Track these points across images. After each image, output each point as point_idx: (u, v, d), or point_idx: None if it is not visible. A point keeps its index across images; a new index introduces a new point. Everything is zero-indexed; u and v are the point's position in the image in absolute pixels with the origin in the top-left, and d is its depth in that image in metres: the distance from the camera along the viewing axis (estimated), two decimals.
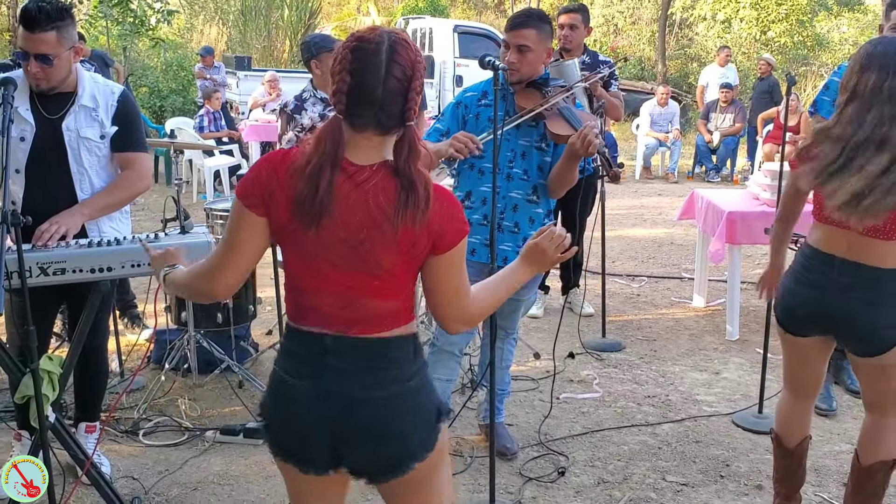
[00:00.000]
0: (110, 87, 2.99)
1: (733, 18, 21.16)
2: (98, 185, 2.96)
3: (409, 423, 1.78)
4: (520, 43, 3.08)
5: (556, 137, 3.07)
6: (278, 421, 1.82)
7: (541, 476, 3.31)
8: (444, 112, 3.29)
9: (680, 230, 8.20)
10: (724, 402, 4.08)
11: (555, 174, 3.15)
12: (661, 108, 12.13)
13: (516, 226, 3.18)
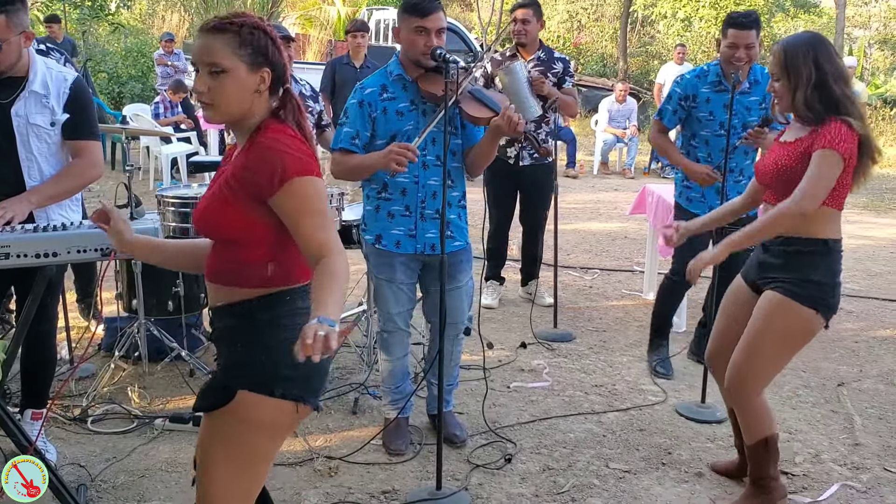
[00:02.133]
0: (63, 74, 2.97)
1: (693, 17, 21.44)
2: (48, 173, 2.94)
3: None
4: (440, 26, 3.09)
5: (475, 120, 3.12)
6: (319, 369, 1.91)
7: (488, 463, 3.37)
8: (347, 113, 3.21)
9: (634, 224, 8.34)
10: (668, 391, 4.18)
11: (477, 155, 3.22)
12: (620, 105, 12.29)
13: (437, 213, 3.23)
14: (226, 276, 1.95)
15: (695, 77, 4.21)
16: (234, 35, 1.83)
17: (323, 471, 3.26)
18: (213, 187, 1.98)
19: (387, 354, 3.44)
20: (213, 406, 1.92)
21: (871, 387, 4.35)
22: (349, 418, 3.73)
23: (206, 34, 1.85)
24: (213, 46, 1.83)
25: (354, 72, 6.69)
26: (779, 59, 2.74)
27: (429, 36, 3.09)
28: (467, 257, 3.40)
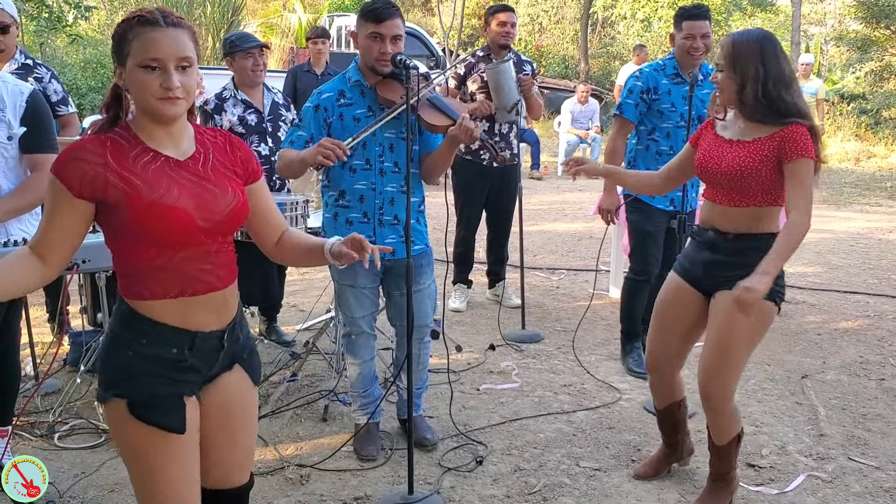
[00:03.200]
0: (19, 87, 2.93)
1: (652, 18, 21.70)
2: (6, 188, 2.90)
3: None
4: (395, 33, 3.10)
5: (432, 128, 3.13)
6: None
7: (459, 466, 3.39)
8: (302, 117, 3.23)
9: (599, 224, 8.38)
10: (637, 389, 4.23)
11: (434, 162, 3.23)
12: (582, 106, 12.40)
13: (395, 218, 3.26)
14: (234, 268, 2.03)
15: (653, 70, 4.27)
16: (188, 30, 1.86)
17: (294, 479, 3.25)
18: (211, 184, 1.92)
19: (353, 357, 3.45)
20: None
21: (833, 378, 4.44)
22: (319, 426, 3.72)
23: (170, 30, 1.81)
24: (182, 40, 1.82)
25: (316, 79, 6.68)
26: (727, 50, 2.74)
27: (384, 42, 3.09)
28: (428, 260, 3.42)
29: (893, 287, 6.42)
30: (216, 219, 1.90)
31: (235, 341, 2.04)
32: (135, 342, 1.89)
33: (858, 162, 14.89)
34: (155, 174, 1.85)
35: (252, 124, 4.28)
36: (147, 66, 1.78)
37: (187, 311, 1.91)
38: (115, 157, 1.83)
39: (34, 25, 10.81)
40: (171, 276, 1.88)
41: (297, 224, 4.01)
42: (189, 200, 1.86)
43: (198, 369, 1.96)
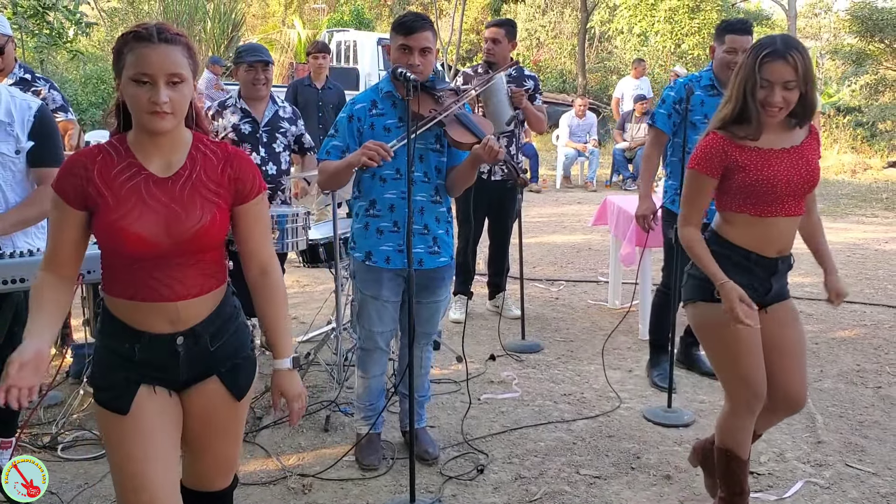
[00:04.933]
0: (27, 102, 2.97)
1: (649, 32, 21.82)
2: (13, 200, 2.94)
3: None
4: (424, 45, 3.14)
5: (458, 145, 3.16)
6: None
7: (460, 474, 3.41)
8: (337, 127, 3.29)
9: (597, 236, 8.46)
10: (636, 398, 4.26)
11: (457, 177, 3.26)
12: (580, 120, 12.47)
13: (425, 227, 3.28)
14: (212, 285, 2.07)
15: (688, 81, 4.24)
16: (184, 47, 1.90)
17: (297, 489, 3.27)
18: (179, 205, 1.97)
19: (363, 372, 3.47)
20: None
21: (831, 386, 4.47)
22: (321, 436, 3.75)
23: (161, 46, 1.86)
24: (174, 56, 1.87)
25: (316, 93, 6.74)
26: (801, 66, 2.53)
27: (412, 55, 3.14)
28: (450, 274, 3.44)
29: (890, 297, 6.46)
30: (178, 239, 1.96)
31: (204, 349, 2.06)
32: (101, 332, 2.07)
33: (855, 174, 14.96)
34: (127, 192, 1.94)
35: (245, 133, 4.33)
36: (138, 81, 1.86)
37: (137, 313, 2.00)
38: (100, 170, 1.95)
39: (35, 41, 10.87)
40: (128, 280, 1.99)
41: (298, 235, 4.05)
42: (148, 223, 1.94)
43: (156, 366, 2.04)
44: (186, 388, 2.10)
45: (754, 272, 2.70)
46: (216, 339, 2.08)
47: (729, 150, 2.65)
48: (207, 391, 2.11)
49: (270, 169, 4.37)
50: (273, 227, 3.95)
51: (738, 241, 2.72)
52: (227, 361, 2.12)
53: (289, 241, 4.02)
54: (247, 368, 2.17)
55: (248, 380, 2.17)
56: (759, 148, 2.65)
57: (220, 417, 2.14)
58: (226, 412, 2.14)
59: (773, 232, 2.69)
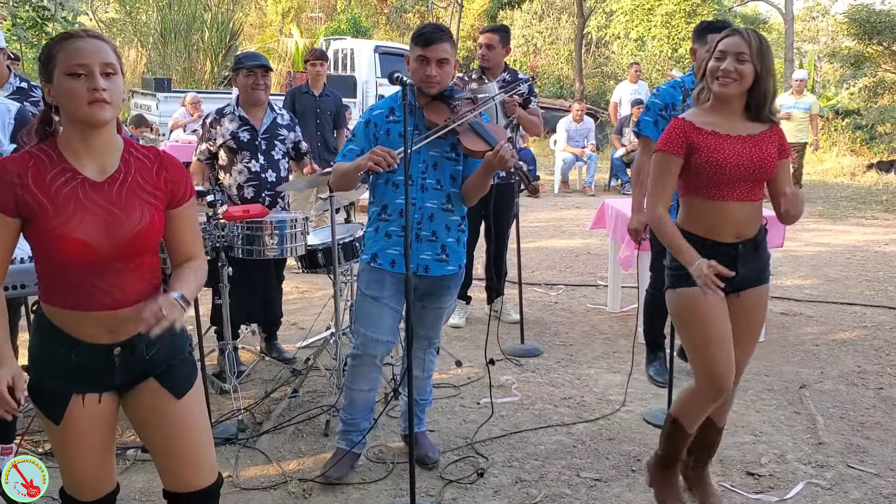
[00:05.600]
0: (6, 106, 3.00)
1: (646, 37, 21.88)
2: None
3: None
4: (441, 56, 3.14)
5: (471, 153, 3.15)
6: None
7: (461, 478, 3.40)
8: (355, 132, 3.32)
9: (596, 240, 8.46)
10: (636, 400, 4.26)
11: (470, 185, 3.24)
12: (577, 125, 12.50)
13: (434, 234, 3.27)
14: (149, 291, 2.08)
15: (671, 87, 4.23)
16: (110, 44, 1.97)
17: (297, 493, 3.26)
18: (118, 208, 1.99)
19: (350, 382, 3.38)
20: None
21: (832, 388, 4.46)
22: (321, 440, 3.74)
23: (92, 39, 1.94)
24: (105, 49, 1.93)
25: (314, 100, 6.75)
26: (755, 41, 2.72)
27: (429, 65, 3.14)
28: (456, 283, 3.42)
29: (890, 298, 6.46)
30: (118, 242, 1.98)
31: (139, 357, 2.08)
32: (37, 335, 2.08)
33: (854, 176, 14.98)
34: (65, 198, 1.94)
35: (244, 140, 4.33)
36: (73, 74, 1.89)
37: (78, 323, 2.02)
38: (34, 176, 1.94)
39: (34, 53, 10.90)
40: (67, 288, 1.99)
41: (296, 241, 4.05)
42: (89, 227, 1.94)
43: (90, 371, 2.06)
44: (124, 393, 2.14)
45: (716, 259, 2.74)
46: (151, 346, 2.09)
47: (689, 131, 2.80)
48: (145, 392, 2.13)
49: (270, 176, 4.37)
50: (272, 233, 3.96)
51: (695, 229, 2.84)
52: (162, 364, 2.13)
53: (287, 246, 4.02)
54: (184, 368, 2.18)
55: (186, 378, 2.18)
56: (715, 132, 2.80)
57: (165, 415, 2.14)
58: (170, 410, 2.14)
59: (725, 215, 2.80)
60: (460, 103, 3.22)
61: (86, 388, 2.07)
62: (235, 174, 4.33)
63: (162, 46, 20.02)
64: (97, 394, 2.09)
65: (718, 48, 2.76)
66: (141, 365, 2.10)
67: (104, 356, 2.05)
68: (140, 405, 2.15)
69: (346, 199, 4.50)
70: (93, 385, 2.08)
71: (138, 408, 2.15)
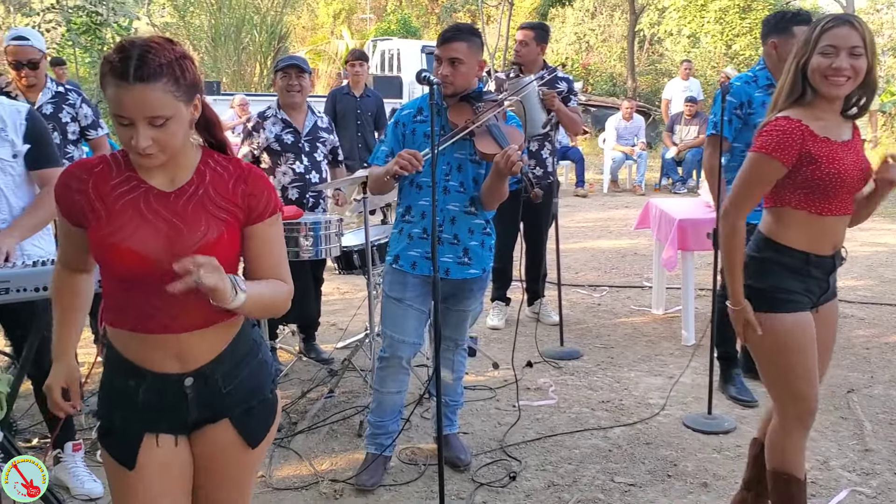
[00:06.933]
0: (16, 107, 3.05)
1: (699, 33, 21.50)
2: (16, 204, 3.01)
3: None
4: (451, 56, 3.14)
5: (483, 155, 3.11)
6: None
7: (492, 481, 3.38)
8: (385, 133, 3.34)
9: (644, 240, 8.32)
10: (676, 405, 4.17)
11: (484, 189, 3.21)
12: (627, 122, 12.33)
13: (455, 237, 3.25)
14: (220, 315, 1.86)
15: (744, 83, 3.99)
16: (168, 78, 1.68)
17: (328, 493, 3.27)
18: (182, 220, 1.82)
19: (378, 384, 3.38)
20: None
21: (882, 392, 4.31)
22: (354, 441, 3.75)
23: (137, 88, 1.65)
24: (152, 98, 1.67)
25: (355, 101, 6.78)
26: (864, 30, 2.40)
27: (441, 64, 3.16)
28: (480, 285, 3.39)
29: None
30: (180, 256, 1.71)
31: (215, 391, 1.89)
32: (107, 363, 1.92)
33: None
34: (123, 207, 1.80)
35: (288, 143, 4.38)
36: (119, 118, 1.70)
37: (140, 348, 1.84)
38: (96, 183, 1.81)
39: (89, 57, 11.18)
40: (127, 307, 1.83)
41: (331, 242, 4.07)
42: (145, 238, 1.78)
43: (160, 408, 1.87)
44: (195, 430, 1.92)
45: (812, 275, 2.56)
46: (229, 379, 1.90)
47: (806, 138, 2.43)
48: (216, 436, 1.92)
49: (314, 178, 4.42)
50: (307, 234, 3.99)
51: (795, 243, 2.54)
52: (241, 404, 1.92)
53: (322, 247, 4.05)
54: (263, 413, 1.97)
55: (263, 426, 1.98)
56: (828, 139, 2.45)
57: (227, 465, 1.95)
58: (235, 460, 1.96)
59: (829, 229, 2.53)
60: (483, 105, 3.19)
61: (158, 427, 1.87)
62: (280, 176, 4.38)
63: (213, 49, 20.38)
64: (173, 436, 1.89)
65: (825, 42, 2.38)
66: (218, 402, 1.89)
67: (174, 388, 1.84)
68: (205, 448, 1.93)
69: (382, 201, 4.51)
70: (166, 425, 1.88)
71: (203, 449, 1.93)
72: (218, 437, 1.92)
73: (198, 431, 1.92)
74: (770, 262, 2.57)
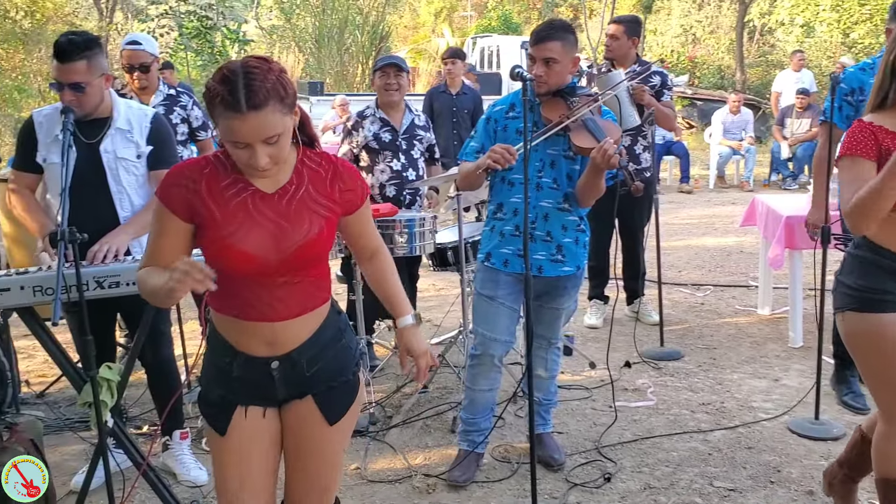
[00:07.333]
0: (143, 111, 3.20)
1: (813, 22, 20.57)
2: (137, 203, 3.14)
3: None
4: (546, 56, 3.10)
5: (580, 150, 3.06)
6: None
7: (586, 482, 3.33)
8: (476, 128, 3.33)
9: (751, 238, 8.03)
10: (781, 408, 4.01)
11: (580, 186, 3.15)
12: (734, 116, 11.93)
13: (548, 235, 3.21)
14: (314, 304, 2.04)
15: (859, 70, 3.84)
16: (276, 99, 1.78)
17: (421, 488, 3.30)
18: (286, 220, 1.94)
19: (470, 382, 3.38)
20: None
21: None
22: (448, 436, 3.76)
23: (250, 114, 1.75)
24: (266, 122, 1.77)
25: (451, 99, 6.80)
26: None
27: (536, 64, 3.13)
28: (574, 283, 3.34)
29: None
30: (285, 255, 1.92)
31: (300, 373, 2.03)
32: (208, 342, 2.12)
33: None
34: (234, 209, 1.91)
35: (386, 141, 4.44)
36: (234, 143, 1.80)
37: (237, 332, 2.00)
38: (208, 184, 1.92)
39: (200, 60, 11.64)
40: (232, 296, 1.96)
41: (425, 239, 4.10)
42: (256, 239, 1.90)
43: (251, 384, 2.03)
44: (285, 404, 2.09)
45: None
46: (313, 363, 2.05)
47: (879, 136, 2.39)
48: (301, 410, 2.08)
49: (410, 175, 4.47)
50: (402, 231, 4.03)
51: (889, 243, 2.46)
52: (323, 384, 2.07)
53: (417, 244, 4.08)
54: (344, 392, 2.11)
55: (343, 404, 2.11)
56: None
57: (311, 438, 2.09)
58: (318, 434, 2.09)
59: None
60: (579, 99, 3.14)
61: (249, 400, 2.05)
62: (378, 173, 4.44)
63: (316, 50, 20.84)
64: (261, 408, 2.06)
65: None
66: (303, 382, 2.05)
67: (263, 369, 2.01)
68: (291, 420, 2.09)
69: (476, 198, 4.51)
70: (256, 398, 2.05)
71: (288, 422, 2.10)
72: (302, 412, 2.08)
73: (287, 405, 2.09)
74: (866, 262, 2.50)
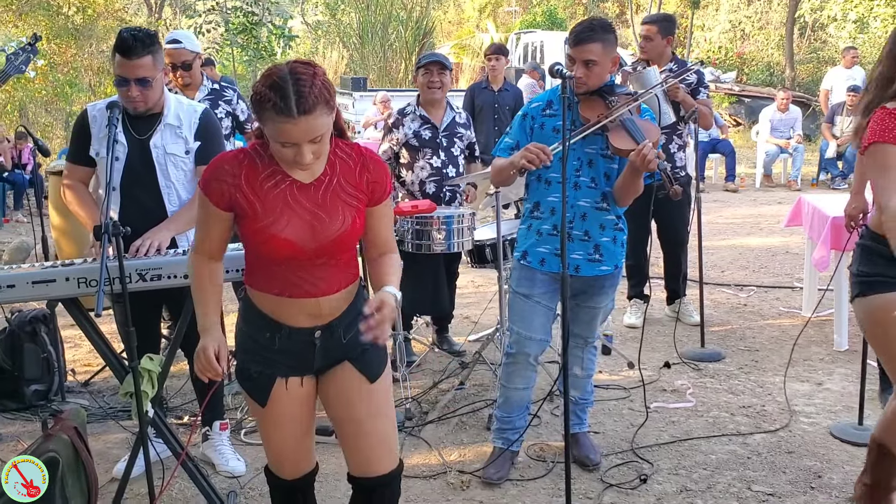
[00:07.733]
0: (193, 107, 3.24)
1: (867, 17, 20.07)
2: (185, 198, 3.19)
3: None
4: (586, 58, 3.06)
5: (618, 151, 3.02)
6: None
7: (622, 482, 3.31)
8: (512, 125, 3.32)
9: (797, 238, 7.88)
10: (823, 413, 3.93)
11: (618, 186, 3.12)
12: (782, 114, 11.70)
13: (586, 234, 3.19)
14: (348, 280, 2.23)
15: None
16: (323, 103, 1.92)
17: (456, 484, 3.31)
18: (324, 211, 2.11)
19: (505, 380, 3.38)
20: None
21: None
22: (483, 433, 3.77)
23: (301, 119, 1.88)
24: (314, 125, 1.92)
25: (493, 95, 6.79)
26: None
27: (575, 66, 3.11)
28: (612, 282, 3.32)
29: None
30: (322, 243, 2.10)
31: (337, 340, 2.21)
32: (244, 320, 2.25)
33: None
34: (274, 199, 2.07)
35: (426, 138, 4.45)
36: (283, 143, 1.95)
37: (282, 308, 2.17)
38: (247, 176, 2.07)
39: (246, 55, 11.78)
40: (274, 277, 2.14)
41: (463, 236, 4.10)
42: (296, 229, 2.07)
43: (292, 354, 2.20)
44: (321, 375, 2.28)
45: None
46: (349, 330, 2.21)
47: None
48: (341, 375, 2.25)
49: (450, 172, 4.47)
50: (440, 228, 4.04)
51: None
52: (357, 348, 2.23)
53: (455, 241, 4.09)
54: (376, 353, 2.27)
55: (379, 363, 2.28)
56: None
57: (359, 398, 2.25)
58: (365, 392, 2.25)
59: None
60: (617, 98, 3.10)
61: (289, 371, 2.22)
62: (418, 170, 4.46)
63: (360, 46, 20.94)
64: (299, 377, 2.24)
65: None
66: (339, 348, 2.22)
67: (305, 339, 2.18)
68: (335, 387, 2.26)
69: (516, 195, 4.50)
70: (295, 369, 2.23)
71: (333, 389, 2.27)
72: (343, 376, 2.25)
73: (326, 375, 2.27)
74: (868, 250, 2.62)
